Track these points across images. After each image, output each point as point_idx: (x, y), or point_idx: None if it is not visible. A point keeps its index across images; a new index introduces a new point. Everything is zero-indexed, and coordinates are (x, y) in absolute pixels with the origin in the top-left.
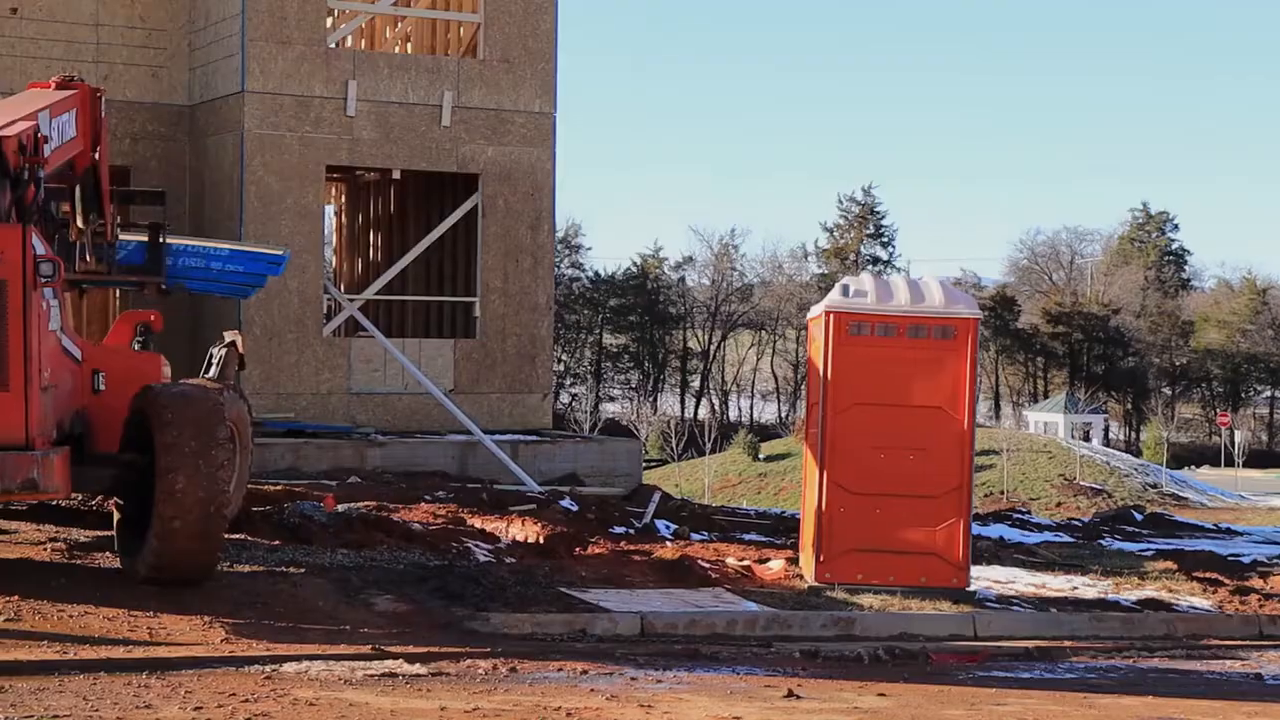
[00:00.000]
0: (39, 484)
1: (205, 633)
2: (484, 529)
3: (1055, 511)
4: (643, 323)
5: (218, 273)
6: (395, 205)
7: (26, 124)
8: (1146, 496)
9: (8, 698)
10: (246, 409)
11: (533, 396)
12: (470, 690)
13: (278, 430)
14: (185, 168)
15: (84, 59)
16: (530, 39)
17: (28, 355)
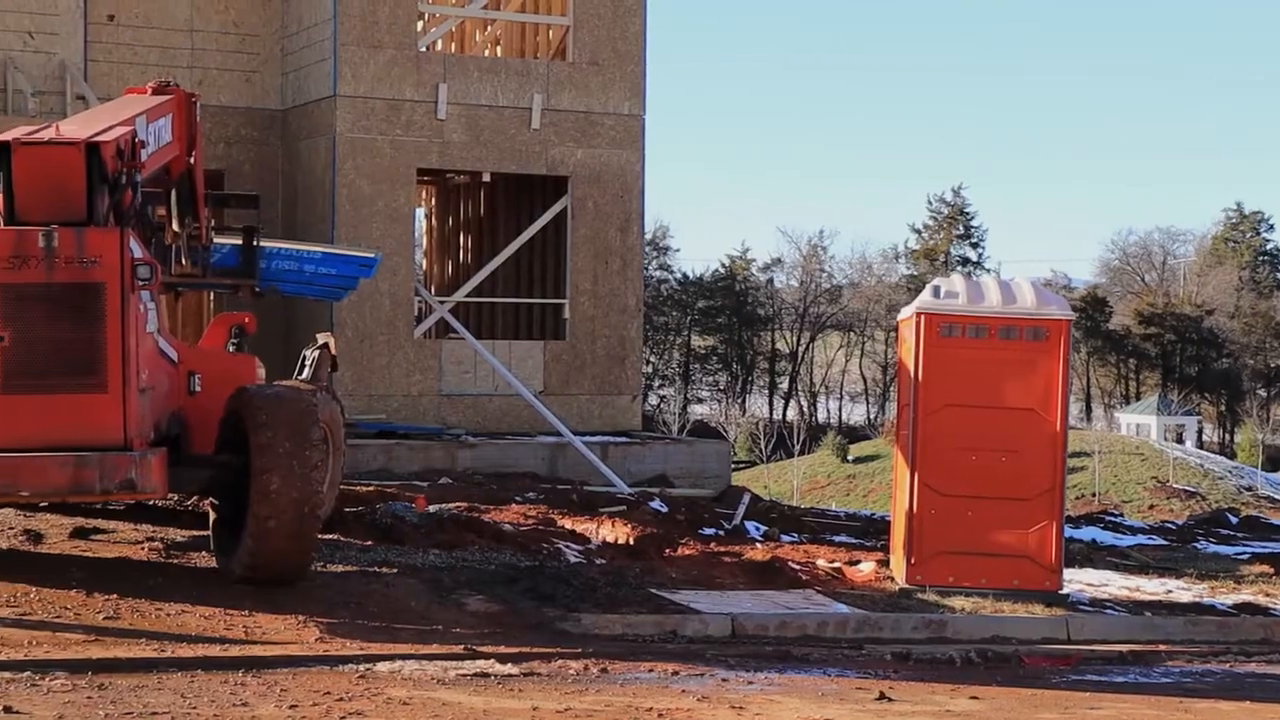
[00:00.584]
0: (137, 484)
1: (300, 632)
2: (574, 530)
3: (1147, 514)
4: (731, 324)
5: (310, 275)
6: (485, 207)
7: (124, 129)
8: (1241, 499)
9: (108, 695)
10: (339, 410)
11: (622, 398)
12: (562, 691)
13: (370, 431)
14: (278, 171)
15: (179, 64)
16: (619, 41)
17: (126, 357)
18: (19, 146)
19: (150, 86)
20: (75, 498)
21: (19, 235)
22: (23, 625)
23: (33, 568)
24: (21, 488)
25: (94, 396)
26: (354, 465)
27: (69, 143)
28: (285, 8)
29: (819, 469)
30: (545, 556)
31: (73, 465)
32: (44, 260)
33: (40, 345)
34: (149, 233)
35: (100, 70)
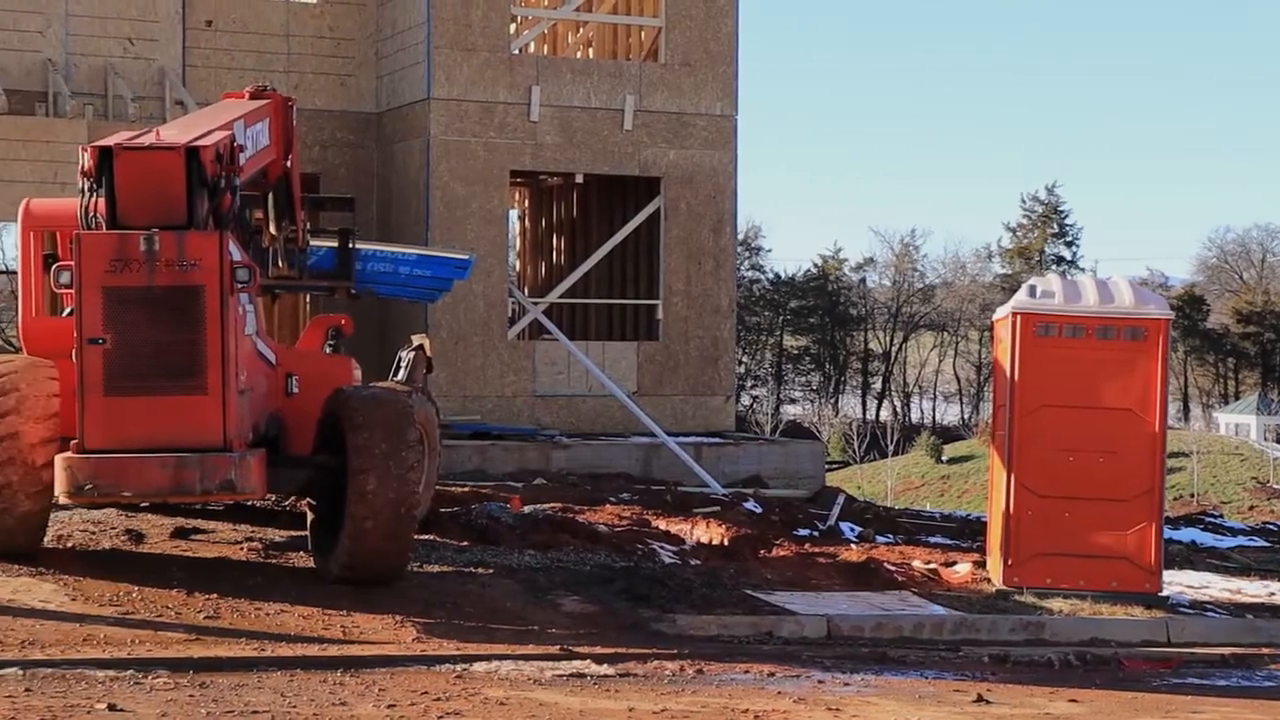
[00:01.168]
0: (236, 485)
1: (397, 632)
2: (668, 531)
3: (1247, 515)
4: (823, 324)
5: (405, 277)
6: (578, 209)
7: (222, 134)
8: None
9: (209, 693)
10: (434, 411)
11: (715, 399)
12: (658, 691)
13: (464, 432)
14: (373, 174)
15: (275, 69)
16: (711, 42)
17: (225, 359)
18: (121, 152)
19: (248, 91)
20: (176, 498)
21: (121, 239)
22: (126, 624)
23: (135, 567)
24: (124, 488)
25: (194, 398)
26: (449, 466)
27: (169, 147)
28: (379, 12)
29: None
30: (640, 557)
31: (174, 466)
32: (145, 264)
33: (141, 348)
34: (247, 236)
35: (198, 76)
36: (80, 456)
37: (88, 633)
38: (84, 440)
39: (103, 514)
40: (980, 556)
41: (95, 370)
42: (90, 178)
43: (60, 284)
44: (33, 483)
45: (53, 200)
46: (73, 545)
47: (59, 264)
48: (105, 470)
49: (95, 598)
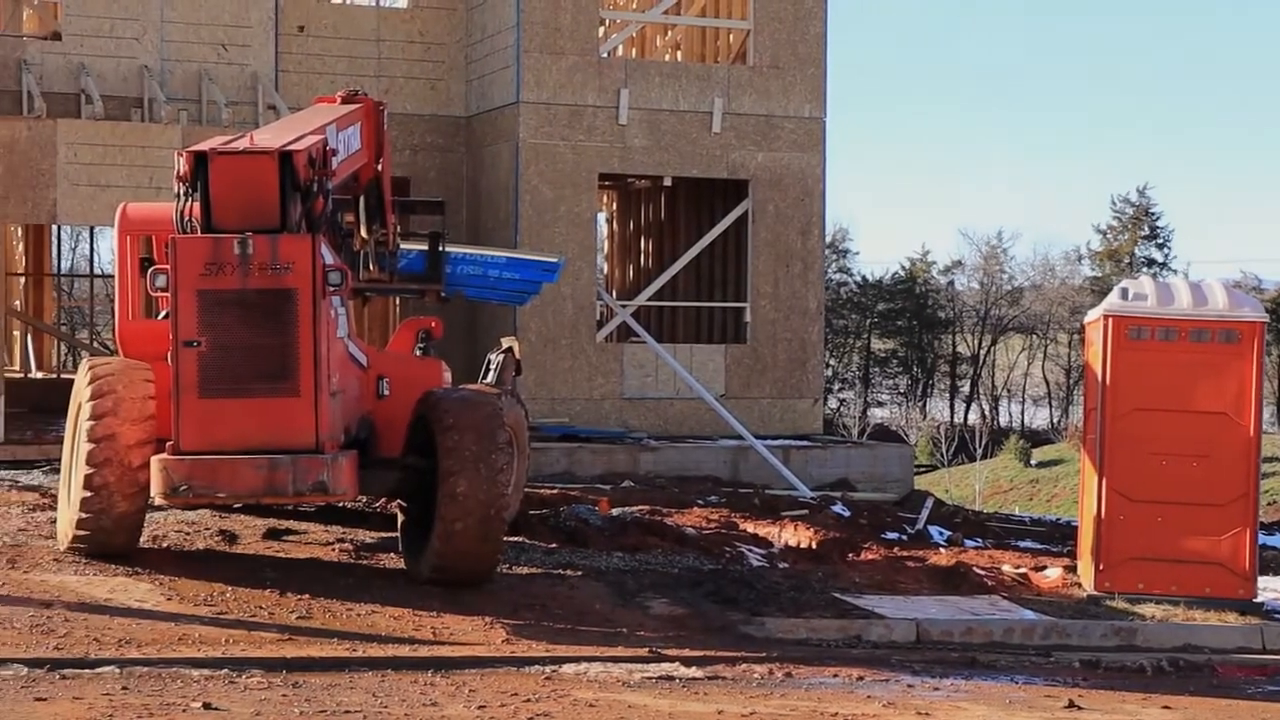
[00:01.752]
0: (328, 486)
1: (486, 633)
2: (756, 534)
3: None
4: (911, 327)
5: (495, 280)
6: (666, 211)
7: (315, 138)
8: None
9: (302, 692)
10: (524, 414)
11: (803, 401)
12: (746, 694)
13: (553, 435)
14: (463, 177)
15: (366, 73)
16: (800, 44)
17: (317, 362)
18: (216, 156)
19: (339, 95)
20: (269, 499)
21: (215, 243)
22: (220, 624)
23: (228, 568)
24: (218, 489)
25: (287, 400)
26: (537, 468)
27: (263, 152)
28: (469, 16)
29: (1001, 473)
30: (728, 560)
31: (267, 468)
32: (239, 267)
33: (235, 350)
34: (339, 239)
35: (290, 81)
36: (175, 458)
37: (183, 632)
38: (179, 442)
39: (197, 515)
40: (1071, 561)
41: (190, 372)
42: (185, 182)
43: (156, 287)
44: (129, 484)
45: (149, 204)
46: (168, 545)
47: (155, 268)
48: (200, 471)
49: (190, 597)
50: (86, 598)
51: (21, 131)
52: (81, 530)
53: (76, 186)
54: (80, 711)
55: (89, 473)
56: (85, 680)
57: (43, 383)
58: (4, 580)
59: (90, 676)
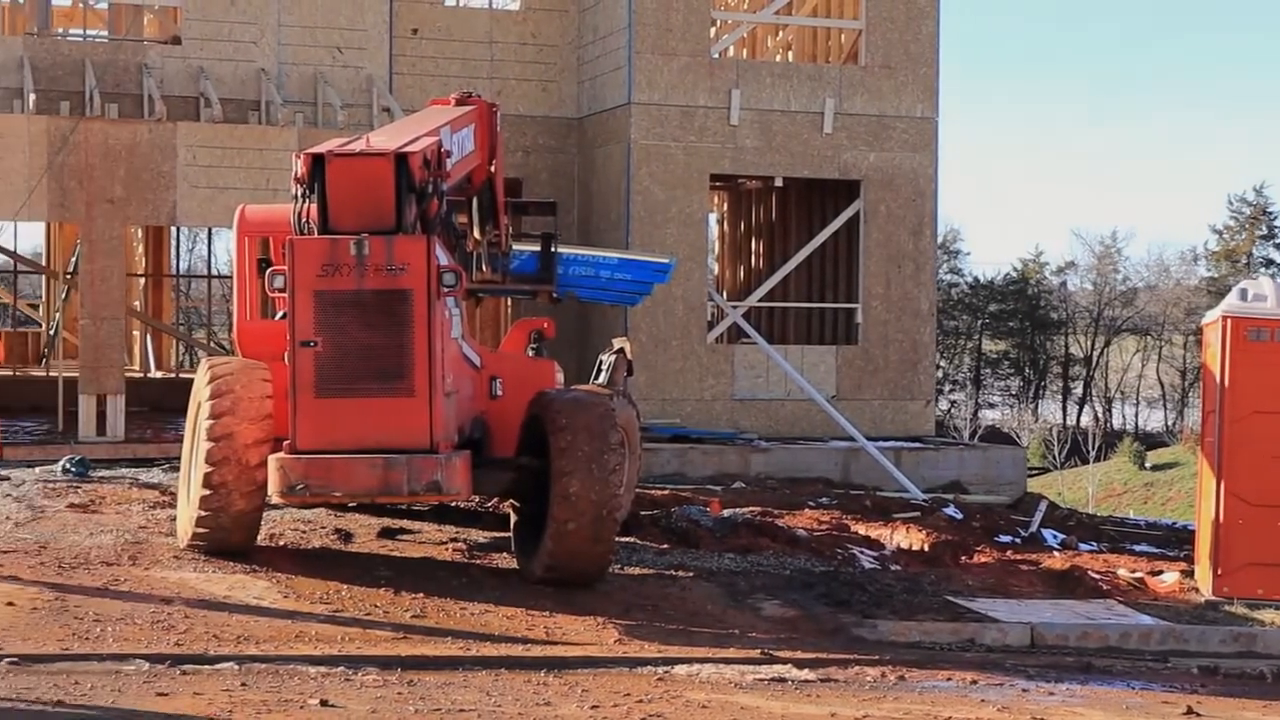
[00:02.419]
0: (442, 486)
1: (599, 633)
2: (868, 536)
3: None
4: (1023, 328)
5: (606, 281)
6: (777, 212)
7: (430, 140)
8: None
9: (417, 691)
10: (635, 414)
11: (915, 403)
12: (859, 697)
13: (664, 436)
14: (574, 178)
15: (479, 75)
16: (912, 44)
17: (432, 362)
18: (333, 158)
19: (454, 97)
20: (384, 499)
21: (332, 244)
22: (336, 622)
23: (344, 566)
24: (334, 488)
25: (402, 400)
26: (648, 469)
27: (379, 154)
28: (581, 18)
29: (1115, 476)
30: (839, 562)
31: (382, 467)
32: (355, 268)
33: (351, 350)
34: (453, 240)
35: (404, 83)
36: (292, 457)
37: (300, 629)
38: (296, 441)
39: (312, 513)
40: (1188, 566)
41: (307, 372)
42: (303, 184)
43: (274, 288)
44: (247, 482)
45: (266, 206)
46: (284, 544)
47: (273, 268)
48: (316, 470)
49: (306, 595)
50: (205, 595)
51: (143, 135)
52: (200, 528)
53: (195, 188)
54: (200, 707)
55: (208, 471)
56: (205, 676)
57: (161, 382)
58: (125, 577)
59: (210, 672)
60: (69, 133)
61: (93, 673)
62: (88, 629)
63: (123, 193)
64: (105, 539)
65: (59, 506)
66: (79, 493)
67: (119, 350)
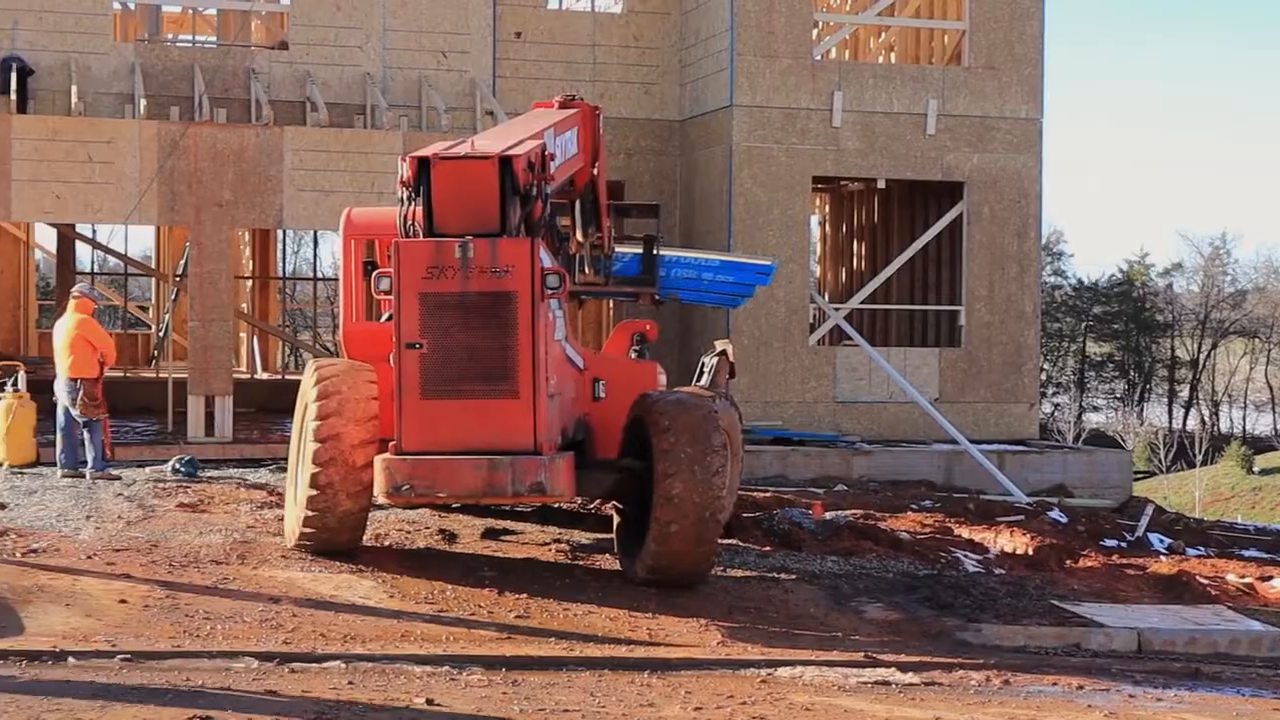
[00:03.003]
0: (546, 488)
1: (702, 635)
2: (971, 539)
3: None
4: (1128, 330)
5: (708, 283)
6: (879, 214)
7: (534, 143)
8: None
9: (521, 690)
10: (738, 416)
11: (1018, 406)
12: (964, 701)
13: (766, 438)
14: (676, 181)
15: (581, 78)
16: (1016, 44)
17: (536, 364)
18: (438, 161)
19: (557, 100)
20: (487, 500)
21: (437, 246)
22: (440, 621)
23: (448, 566)
24: (439, 489)
25: (506, 402)
26: (751, 471)
27: (484, 157)
28: (684, 20)
29: (1222, 481)
30: (943, 565)
31: (486, 468)
32: (460, 270)
33: (456, 352)
34: (556, 243)
35: (507, 86)
36: (398, 458)
37: (405, 629)
38: (401, 442)
39: (417, 514)
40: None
41: (412, 374)
42: (409, 187)
43: (380, 290)
44: (353, 483)
45: (372, 209)
46: (390, 544)
47: (378, 271)
48: (421, 471)
49: (411, 595)
50: (312, 594)
51: (250, 139)
52: (307, 528)
53: (301, 192)
54: (308, 705)
55: (315, 472)
56: (312, 674)
57: (268, 383)
58: (234, 575)
59: (317, 671)
60: (178, 137)
61: (203, 670)
62: (198, 626)
63: (231, 196)
64: (214, 538)
65: (169, 506)
66: (188, 492)
67: (227, 352)
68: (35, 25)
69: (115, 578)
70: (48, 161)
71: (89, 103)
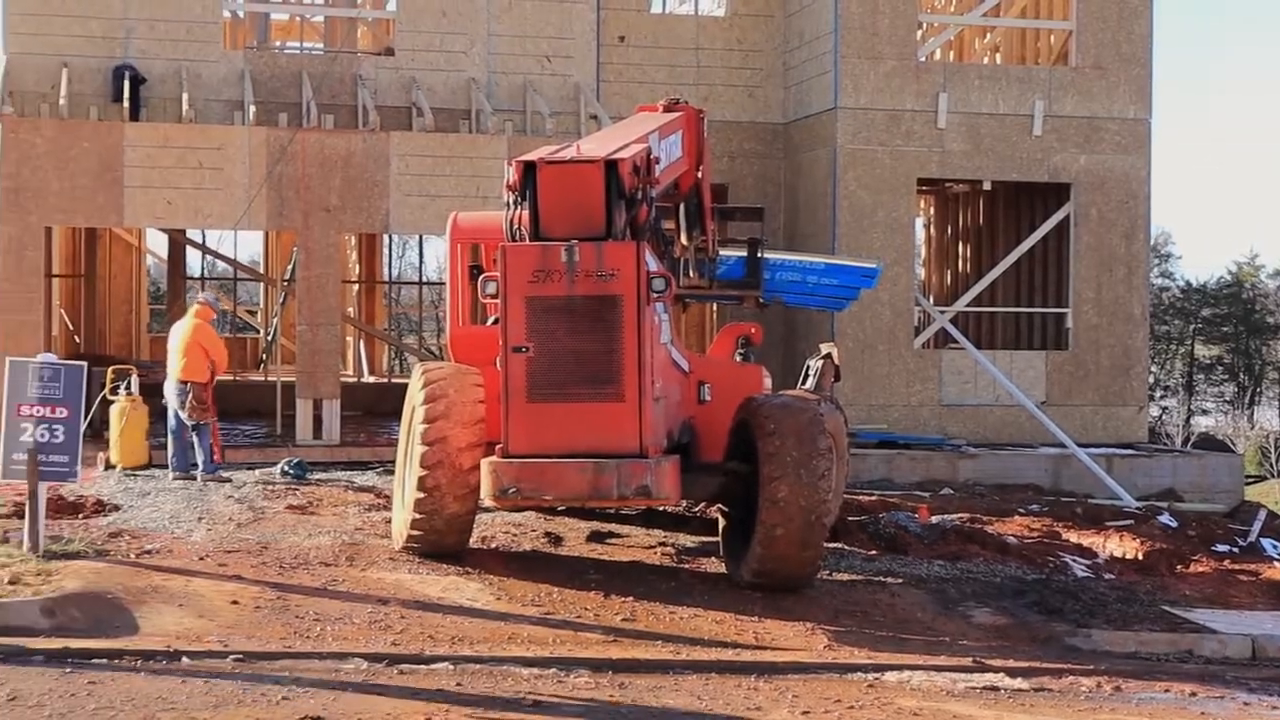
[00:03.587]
0: (651, 491)
1: (808, 638)
2: (1079, 543)
3: None
4: (1237, 333)
5: (813, 286)
6: (984, 216)
7: (639, 147)
8: None
9: (628, 693)
10: (843, 420)
11: (1126, 409)
12: (1074, 707)
13: (870, 441)
14: (780, 184)
15: (685, 81)
16: (1124, 44)
17: (642, 367)
18: (544, 165)
19: (661, 104)
20: (593, 503)
21: (543, 250)
22: (547, 624)
23: (554, 569)
24: (545, 492)
25: (611, 405)
26: (856, 475)
27: (589, 161)
28: (787, 23)
29: None
30: (1051, 570)
31: (592, 471)
32: (566, 274)
33: (561, 356)
34: (661, 246)
35: (611, 90)
36: (504, 461)
37: (512, 631)
38: (508, 445)
39: (522, 516)
40: None
41: (519, 377)
42: (515, 191)
43: (486, 294)
44: (460, 485)
45: (479, 214)
46: (496, 546)
47: (485, 275)
48: (528, 474)
49: (518, 597)
50: (420, 596)
51: (357, 144)
52: (415, 530)
53: (408, 197)
54: (417, 706)
55: (422, 474)
56: (421, 675)
57: (374, 386)
58: (343, 577)
59: (425, 672)
60: (286, 143)
61: (313, 670)
62: (308, 627)
63: (338, 201)
64: (323, 540)
65: (278, 508)
66: (297, 495)
67: (334, 356)
68: (147, 34)
69: (227, 579)
70: (159, 168)
71: (199, 110)
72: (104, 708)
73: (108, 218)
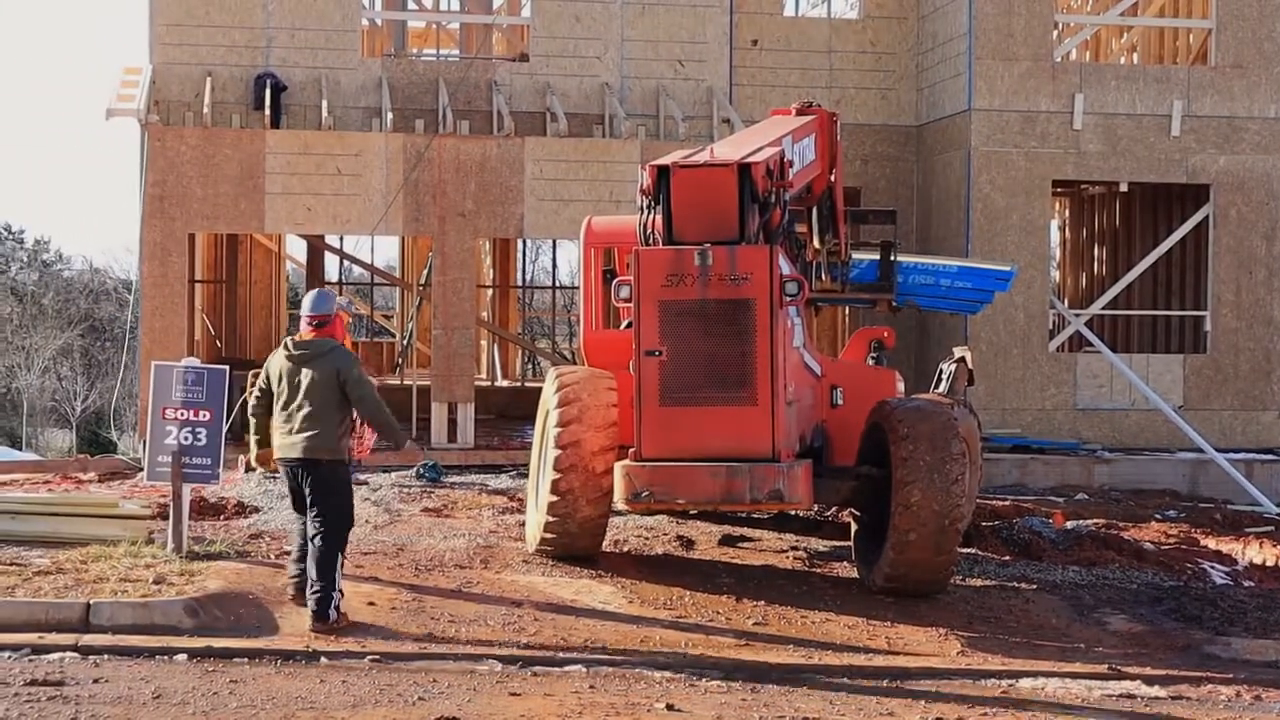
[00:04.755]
0: (784, 495)
1: (941, 644)
2: (1218, 550)
3: None
4: None
5: (946, 289)
6: (1120, 218)
7: (772, 150)
8: None
9: (760, 698)
10: (976, 424)
11: (1267, 414)
12: (1212, 716)
13: (1004, 446)
14: (913, 186)
15: (817, 85)
16: (1265, 41)
17: (774, 372)
18: (677, 170)
19: (794, 107)
20: (725, 506)
21: (677, 254)
22: (679, 627)
23: (686, 572)
24: (677, 496)
25: (744, 409)
26: (989, 479)
27: (723, 164)
28: (920, 25)
29: None
30: (1189, 576)
31: (725, 475)
32: (699, 278)
33: (694, 359)
34: (794, 250)
35: (743, 94)
36: (637, 464)
37: (644, 634)
38: (640, 449)
39: (654, 520)
40: None
41: (652, 381)
42: (648, 195)
43: (620, 298)
44: (593, 489)
45: (612, 218)
46: (628, 549)
47: (619, 279)
48: (660, 478)
49: (650, 600)
50: (553, 598)
51: (492, 150)
52: (548, 533)
53: (541, 201)
54: (551, 707)
55: (556, 478)
56: (555, 678)
57: (508, 390)
58: (478, 579)
59: (559, 674)
60: (423, 149)
61: (449, 671)
62: (443, 629)
63: (473, 206)
64: (458, 542)
65: (414, 511)
66: (432, 497)
67: (469, 359)
68: (288, 43)
69: (364, 580)
70: (299, 175)
71: (338, 117)
72: (245, 706)
73: (249, 224)
